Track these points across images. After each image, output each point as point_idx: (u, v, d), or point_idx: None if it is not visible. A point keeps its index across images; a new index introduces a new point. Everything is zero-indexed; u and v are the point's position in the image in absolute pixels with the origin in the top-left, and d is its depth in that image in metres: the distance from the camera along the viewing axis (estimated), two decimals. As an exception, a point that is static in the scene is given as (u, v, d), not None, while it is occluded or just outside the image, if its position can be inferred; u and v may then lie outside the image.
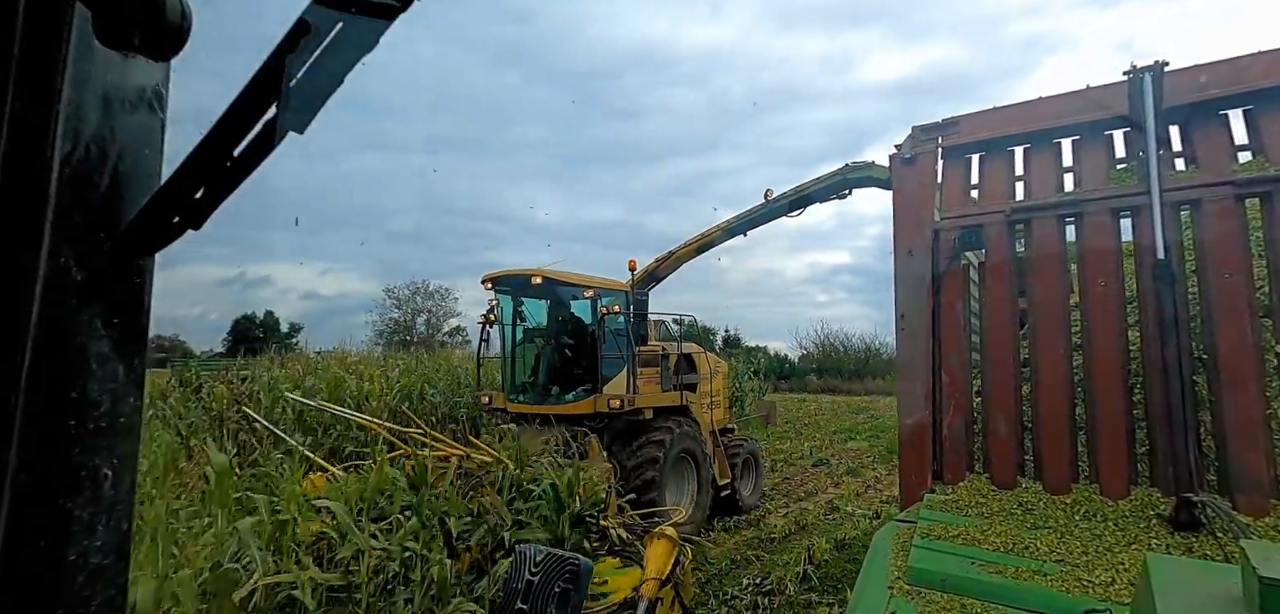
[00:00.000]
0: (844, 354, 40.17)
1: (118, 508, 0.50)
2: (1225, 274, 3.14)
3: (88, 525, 0.48)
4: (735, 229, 8.31)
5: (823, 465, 13.50)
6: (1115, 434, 3.27)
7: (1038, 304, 3.61)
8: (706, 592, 6.13)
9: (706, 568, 6.76)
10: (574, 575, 1.69)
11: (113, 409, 0.50)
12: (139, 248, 0.52)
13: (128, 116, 0.53)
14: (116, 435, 0.50)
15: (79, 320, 0.48)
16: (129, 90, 0.52)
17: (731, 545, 7.80)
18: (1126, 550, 2.90)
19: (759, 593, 6.05)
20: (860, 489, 11.23)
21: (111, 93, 0.51)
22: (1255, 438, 2.96)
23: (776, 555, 7.38)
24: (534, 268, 7.55)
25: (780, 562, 7.04)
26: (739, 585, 6.31)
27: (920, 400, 3.76)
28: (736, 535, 8.31)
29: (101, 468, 0.49)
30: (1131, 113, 3.51)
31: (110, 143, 0.51)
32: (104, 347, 0.50)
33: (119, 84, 0.52)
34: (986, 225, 3.76)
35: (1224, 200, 3.19)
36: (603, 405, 7.27)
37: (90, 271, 0.49)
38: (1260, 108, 3.33)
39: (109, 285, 0.51)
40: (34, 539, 0.43)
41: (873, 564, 3.25)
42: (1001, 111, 4.03)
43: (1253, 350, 3.04)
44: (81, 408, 0.48)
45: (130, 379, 0.52)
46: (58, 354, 0.46)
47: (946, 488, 3.57)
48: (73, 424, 0.47)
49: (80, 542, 0.47)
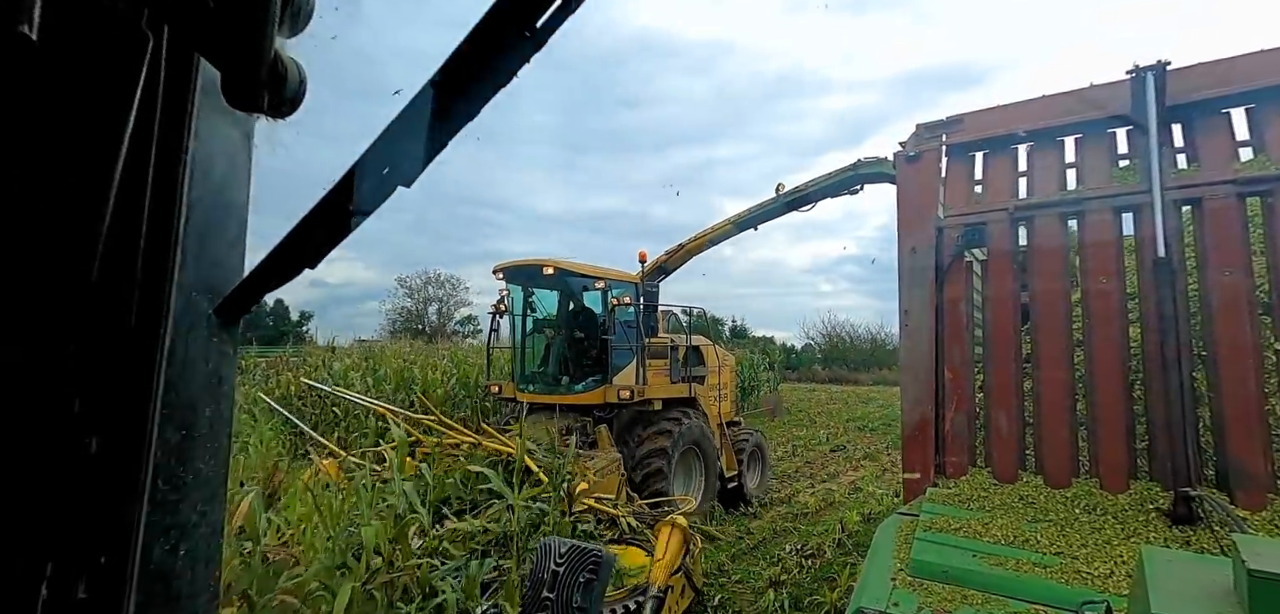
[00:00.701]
0: (850, 345, 40.38)
1: (217, 505, 0.58)
2: (1225, 271, 3.18)
3: (196, 523, 0.55)
4: (745, 223, 8.35)
5: (840, 451, 14.08)
6: (1115, 429, 3.33)
7: (1039, 300, 3.65)
8: (721, 575, 6.56)
9: (715, 555, 7.08)
10: (597, 566, 1.79)
11: (218, 422, 0.58)
12: (256, 291, 0.59)
13: (236, 168, 0.60)
14: (219, 443, 0.58)
15: (200, 348, 0.56)
16: (240, 145, 0.60)
17: (770, 518, 8.78)
18: (1125, 544, 2.97)
19: (802, 556, 6.99)
20: (878, 472, 11.65)
21: (228, 147, 0.58)
22: (1253, 433, 3.01)
23: (812, 526, 8.29)
24: (546, 258, 7.63)
25: (816, 531, 7.99)
26: (783, 549, 7.25)
27: (923, 395, 3.83)
28: (773, 509, 9.29)
29: (206, 472, 0.57)
30: (1134, 111, 3.53)
31: (224, 190, 0.58)
32: (217, 368, 0.58)
33: (236, 139, 0.59)
34: (989, 222, 3.80)
35: (1225, 198, 3.23)
36: (612, 396, 7.37)
37: (211, 305, 0.56)
38: (1262, 106, 3.35)
39: (228, 317, 0.58)
40: (162, 537, 0.51)
41: (876, 556, 3.33)
42: (1005, 109, 4.06)
43: (1251, 347, 3.09)
44: (197, 421, 0.55)
45: (231, 396, 0.60)
46: (185, 376, 0.53)
47: (949, 482, 3.64)
48: (190, 435, 0.54)
49: (191, 537, 0.54)
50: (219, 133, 0.57)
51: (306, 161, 0.70)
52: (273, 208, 0.69)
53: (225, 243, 0.59)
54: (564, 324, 8.53)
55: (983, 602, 2.88)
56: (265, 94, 0.51)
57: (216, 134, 0.56)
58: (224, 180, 0.59)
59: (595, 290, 7.97)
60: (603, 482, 5.84)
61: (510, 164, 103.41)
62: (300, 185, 0.61)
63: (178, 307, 0.52)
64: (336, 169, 0.57)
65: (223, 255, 0.59)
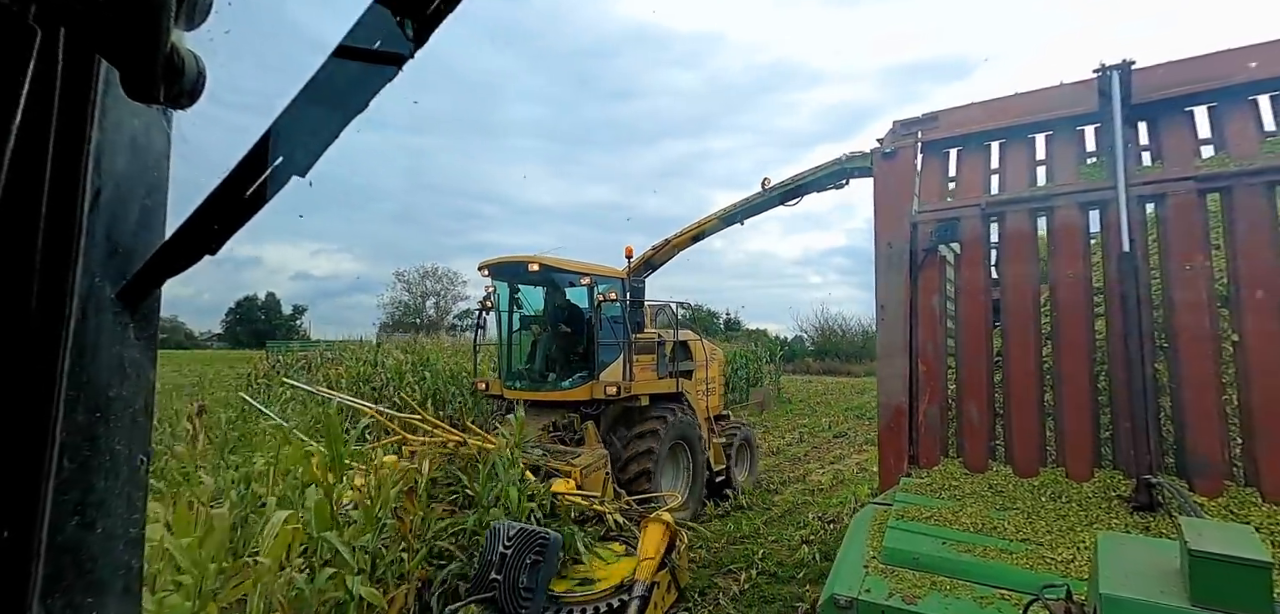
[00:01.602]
0: (842, 336, 41.26)
1: (136, 485, 0.60)
2: (1186, 266, 3.28)
3: (112, 501, 0.58)
4: (732, 217, 8.40)
5: (843, 437, 14.97)
6: (1081, 419, 3.42)
7: (1010, 294, 3.74)
8: (756, 537, 7.50)
9: (753, 519, 8.13)
10: (543, 548, 1.85)
11: (132, 403, 0.60)
12: (157, 276, 0.61)
13: (144, 157, 0.62)
14: (136, 424, 0.60)
15: (106, 331, 0.58)
16: (146, 134, 0.61)
17: (789, 493, 9.73)
18: (1088, 530, 3.06)
19: (824, 522, 7.87)
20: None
21: (133, 136, 0.60)
22: (1210, 423, 3.11)
23: (828, 499, 9.18)
24: (531, 255, 7.64)
25: (833, 502, 8.88)
26: (807, 516, 8.15)
27: (898, 387, 3.92)
28: (791, 486, 10.15)
29: (123, 452, 0.59)
30: (1100, 109, 3.62)
31: (131, 178, 0.60)
32: (127, 351, 0.60)
33: (139, 128, 0.61)
34: (962, 218, 3.89)
35: (1187, 194, 3.32)
36: (599, 392, 7.40)
37: (116, 289, 0.58)
38: (1223, 105, 3.44)
39: (130, 301, 0.61)
40: (72, 514, 0.53)
41: (850, 544, 3.41)
42: (978, 106, 4.14)
43: (1210, 339, 3.18)
44: (108, 403, 0.58)
45: (145, 377, 0.63)
46: (90, 359, 0.56)
47: (922, 471, 3.73)
48: (100, 416, 0.56)
49: (108, 514, 0.57)
50: (129, 123, 0.59)
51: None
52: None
53: (137, 230, 0.61)
54: (550, 321, 8.55)
55: (951, 587, 2.96)
56: (161, 86, 0.53)
57: (127, 124, 0.58)
58: (136, 169, 0.61)
59: (581, 286, 8.00)
60: (589, 478, 5.88)
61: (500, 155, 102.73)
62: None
63: (82, 292, 0.54)
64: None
65: (135, 242, 0.61)
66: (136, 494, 0.60)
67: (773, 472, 11.00)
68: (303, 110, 0.58)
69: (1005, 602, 2.81)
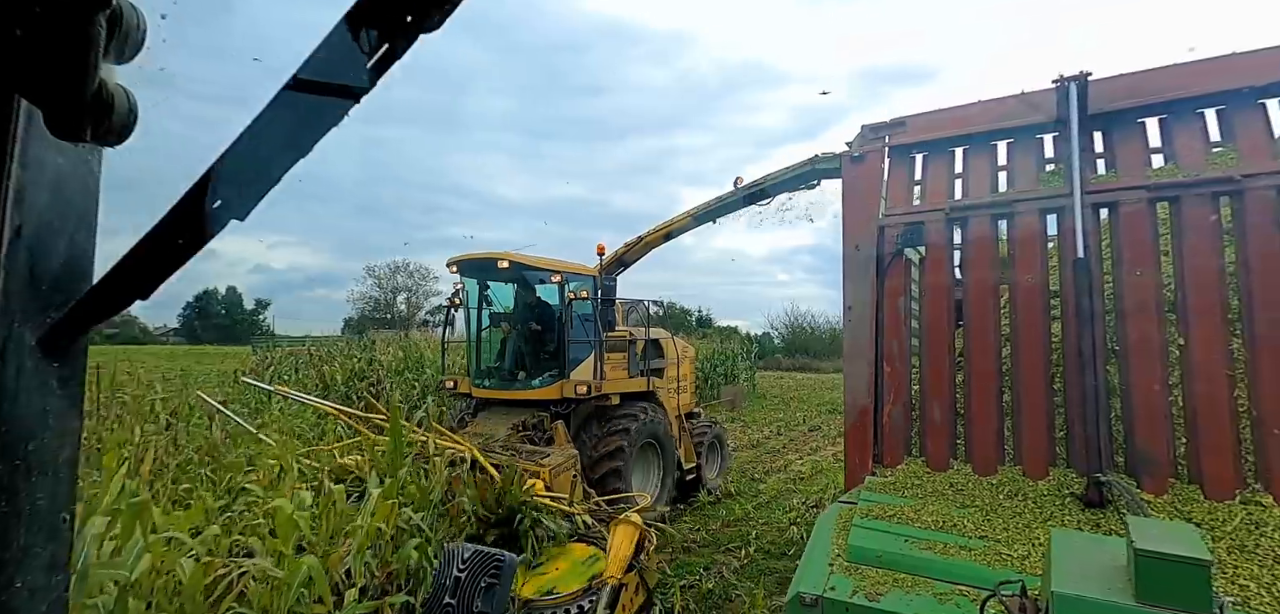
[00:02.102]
0: (811, 334, 42.81)
1: (60, 543, 0.56)
2: (1137, 271, 3.40)
3: (32, 559, 0.54)
4: (703, 217, 8.42)
5: (816, 430, 15.77)
6: (1037, 419, 3.52)
7: (971, 298, 3.83)
8: (747, 521, 8.25)
9: (744, 504, 8.86)
10: (498, 571, 1.81)
11: (56, 455, 0.56)
12: (83, 322, 0.58)
13: (69, 195, 0.58)
14: (59, 477, 0.56)
15: (26, 379, 0.54)
16: (73, 171, 0.57)
17: (773, 483, 10.42)
18: (1043, 526, 3.16)
19: (807, 507, 8.57)
20: (854, 447, 13.39)
21: (57, 174, 0.56)
22: (1157, 423, 3.24)
23: (809, 486, 9.96)
24: (501, 252, 7.54)
25: (814, 490, 9.64)
26: (790, 503, 8.90)
27: (864, 388, 3.98)
28: (774, 476, 10.88)
29: (44, 507, 0.55)
30: (1058, 118, 3.73)
31: (55, 218, 0.56)
32: (50, 401, 0.56)
33: (65, 165, 0.57)
34: (927, 222, 3.96)
35: (1138, 203, 3.44)
36: (569, 391, 7.34)
37: (37, 336, 0.54)
38: (1174, 117, 3.58)
39: (53, 348, 0.57)
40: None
41: (816, 543, 3.45)
42: (944, 113, 4.22)
43: (1158, 343, 3.31)
44: (28, 455, 0.54)
45: (70, 428, 0.59)
46: (8, 408, 0.52)
47: (886, 470, 3.80)
48: (20, 468, 0.53)
49: (27, 572, 0.53)
50: (53, 160, 0.56)
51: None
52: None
53: (62, 272, 0.58)
54: (520, 318, 8.46)
55: (912, 584, 3.02)
56: (89, 125, 0.51)
57: (50, 161, 0.55)
58: (61, 208, 0.58)
59: (552, 284, 7.93)
60: (558, 479, 5.84)
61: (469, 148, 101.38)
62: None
63: (0, 337, 0.51)
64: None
65: (60, 285, 0.58)
66: (60, 551, 0.56)
67: (755, 463, 12.01)
68: (247, 150, 0.55)
69: (964, 597, 2.88)
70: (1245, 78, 3.44)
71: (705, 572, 6.34)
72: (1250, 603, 2.48)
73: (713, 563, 6.66)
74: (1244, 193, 3.22)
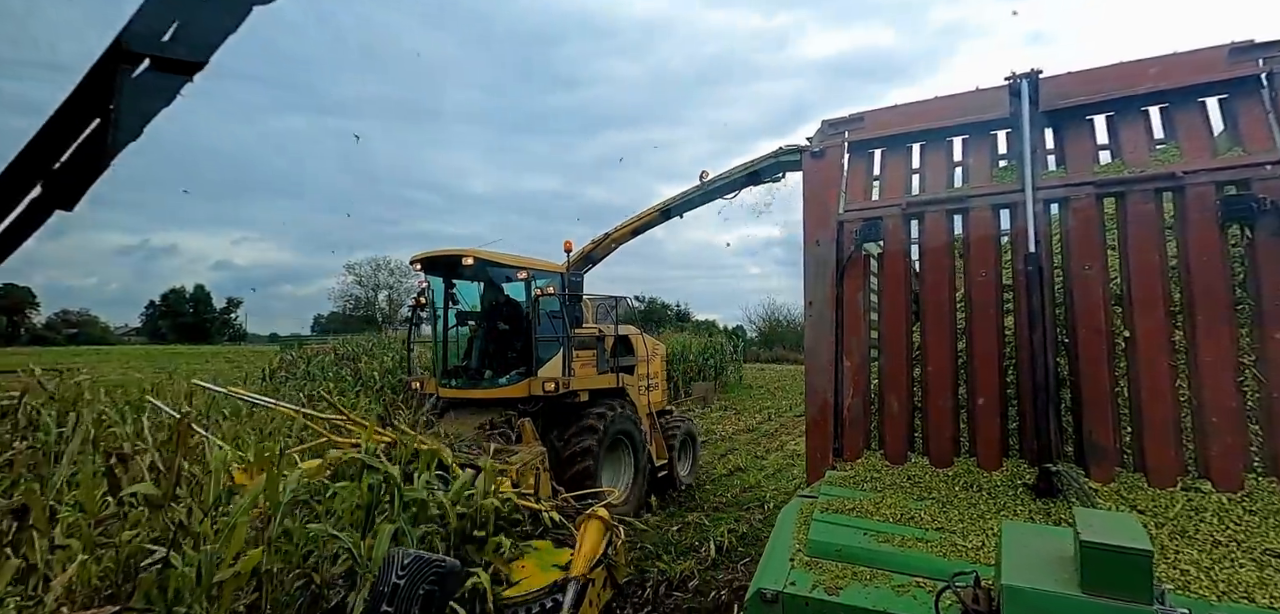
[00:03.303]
0: (787, 327, 44.34)
1: None
2: (1085, 266, 3.48)
3: None
4: (671, 211, 8.41)
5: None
6: (991, 412, 3.59)
7: (928, 292, 3.88)
8: (758, 488, 9.79)
9: (756, 475, 10.32)
10: (440, 577, 1.76)
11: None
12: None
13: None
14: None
15: None
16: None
17: (773, 459, 11.95)
18: (997, 517, 3.21)
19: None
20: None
21: None
22: (1104, 413, 3.32)
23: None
24: (465, 248, 7.42)
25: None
26: (793, 472, 10.40)
27: (825, 382, 4.00)
28: (774, 454, 12.50)
29: None
30: (1011, 115, 3.79)
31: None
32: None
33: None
34: (885, 218, 4.00)
35: (1086, 198, 3.52)
36: (537, 389, 7.28)
37: None
38: (1119, 115, 3.67)
39: None
40: None
41: (778, 537, 3.46)
42: (901, 108, 4.27)
43: (1104, 335, 3.40)
44: None
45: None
46: None
47: (846, 465, 3.83)
48: None
49: None
50: None
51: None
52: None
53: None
54: (486, 316, 8.35)
55: (871, 577, 3.04)
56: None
57: None
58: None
59: (518, 281, 7.84)
60: (524, 476, 5.78)
61: (439, 142, 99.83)
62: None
63: None
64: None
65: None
66: None
67: (753, 444, 13.64)
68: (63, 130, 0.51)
69: (920, 589, 2.91)
70: (1186, 76, 3.54)
71: (736, 522, 7.96)
72: (1190, 586, 2.55)
73: (738, 519, 8.14)
74: (1185, 189, 3.32)
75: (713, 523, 7.87)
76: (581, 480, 6.88)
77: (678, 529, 7.67)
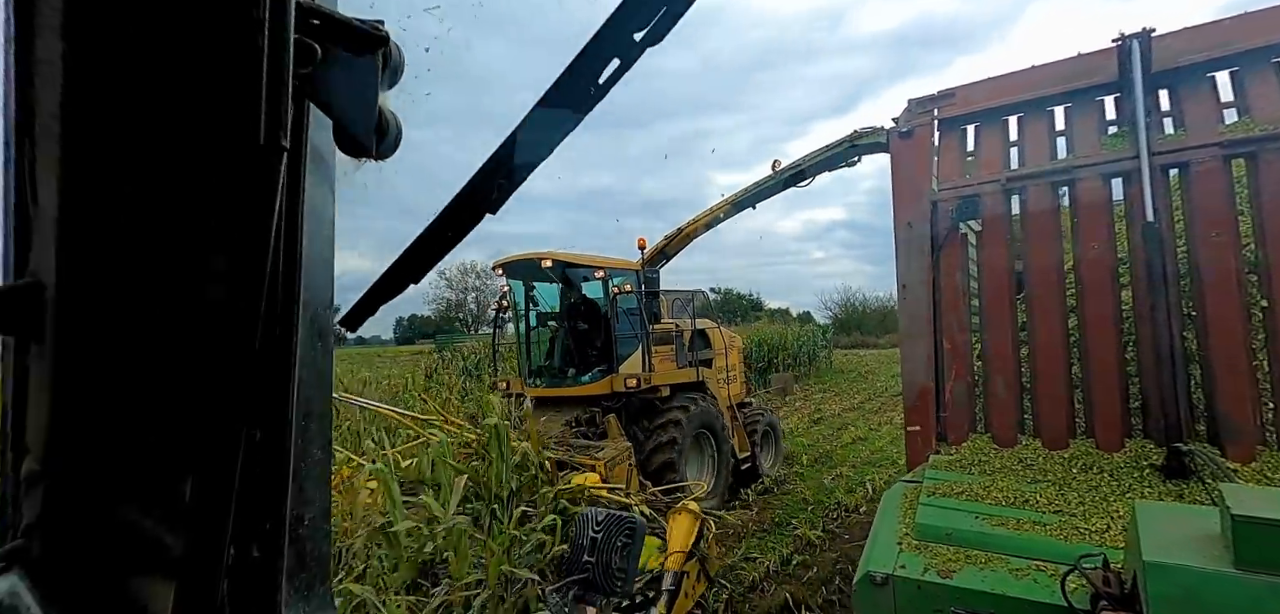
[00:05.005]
0: (864, 313, 45.18)
1: (325, 485, 0.70)
2: (1213, 234, 3.27)
3: (311, 490, 0.67)
4: (743, 202, 8.38)
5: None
6: (1109, 390, 3.43)
7: (1033, 269, 3.74)
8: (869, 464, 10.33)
9: (867, 448, 11.01)
10: (632, 532, 1.98)
11: (323, 415, 0.69)
12: (366, 312, 0.74)
13: (325, 205, 0.68)
14: (325, 434, 0.70)
15: (309, 354, 0.65)
16: (326, 186, 0.69)
17: (886, 431, 12.77)
18: (1121, 500, 3.08)
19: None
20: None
21: (320, 189, 0.67)
22: (1241, 388, 3.11)
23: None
24: (543, 252, 7.68)
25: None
26: (890, 462, 10.24)
27: (923, 366, 3.93)
28: (885, 427, 13.41)
29: (318, 457, 0.68)
30: (1121, 79, 3.60)
31: (321, 223, 0.67)
32: (322, 369, 0.68)
33: (323, 182, 0.67)
34: (983, 194, 3.88)
35: (1211, 161, 3.30)
36: (619, 385, 7.44)
37: (342, 318, 0.69)
38: (1246, 69, 3.41)
39: (353, 325, 0.74)
40: (300, 508, 0.63)
41: (882, 523, 3.44)
42: (995, 81, 4.12)
43: (1238, 306, 3.18)
44: (311, 415, 0.66)
45: (330, 394, 0.72)
46: (304, 379, 0.64)
47: (950, 448, 3.75)
48: (305, 425, 0.65)
49: (309, 504, 0.66)
50: (317, 178, 0.67)
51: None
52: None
53: (322, 266, 0.70)
54: (566, 316, 8.60)
55: (985, 560, 2.99)
56: (375, 142, 0.63)
57: (316, 180, 0.66)
58: (320, 215, 0.69)
59: (595, 280, 8.03)
60: (613, 471, 5.94)
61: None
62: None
63: (303, 322, 0.63)
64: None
65: (320, 277, 0.70)
66: (326, 495, 0.69)
67: (860, 419, 14.73)
68: (505, 156, 0.71)
69: (1041, 572, 2.84)
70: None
71: (872, 490, 8.45)
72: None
73: (872, 477, 8.99)
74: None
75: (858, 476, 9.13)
76: (666, 474, 6.98)
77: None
